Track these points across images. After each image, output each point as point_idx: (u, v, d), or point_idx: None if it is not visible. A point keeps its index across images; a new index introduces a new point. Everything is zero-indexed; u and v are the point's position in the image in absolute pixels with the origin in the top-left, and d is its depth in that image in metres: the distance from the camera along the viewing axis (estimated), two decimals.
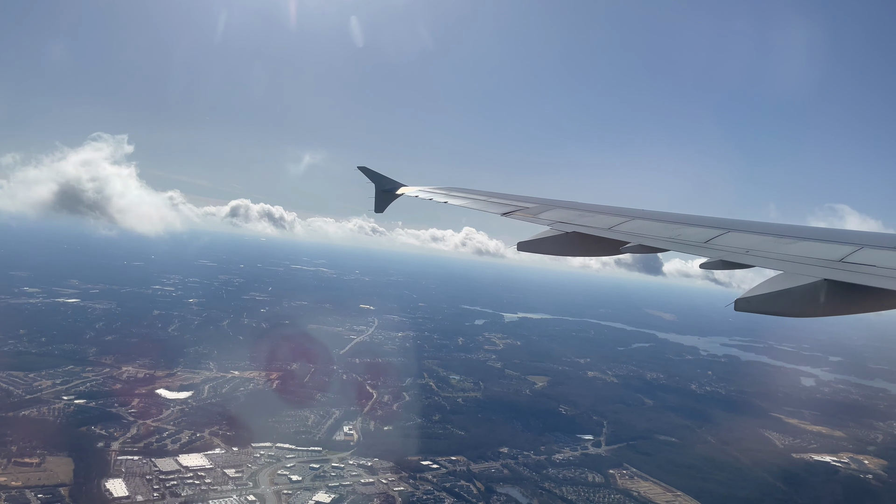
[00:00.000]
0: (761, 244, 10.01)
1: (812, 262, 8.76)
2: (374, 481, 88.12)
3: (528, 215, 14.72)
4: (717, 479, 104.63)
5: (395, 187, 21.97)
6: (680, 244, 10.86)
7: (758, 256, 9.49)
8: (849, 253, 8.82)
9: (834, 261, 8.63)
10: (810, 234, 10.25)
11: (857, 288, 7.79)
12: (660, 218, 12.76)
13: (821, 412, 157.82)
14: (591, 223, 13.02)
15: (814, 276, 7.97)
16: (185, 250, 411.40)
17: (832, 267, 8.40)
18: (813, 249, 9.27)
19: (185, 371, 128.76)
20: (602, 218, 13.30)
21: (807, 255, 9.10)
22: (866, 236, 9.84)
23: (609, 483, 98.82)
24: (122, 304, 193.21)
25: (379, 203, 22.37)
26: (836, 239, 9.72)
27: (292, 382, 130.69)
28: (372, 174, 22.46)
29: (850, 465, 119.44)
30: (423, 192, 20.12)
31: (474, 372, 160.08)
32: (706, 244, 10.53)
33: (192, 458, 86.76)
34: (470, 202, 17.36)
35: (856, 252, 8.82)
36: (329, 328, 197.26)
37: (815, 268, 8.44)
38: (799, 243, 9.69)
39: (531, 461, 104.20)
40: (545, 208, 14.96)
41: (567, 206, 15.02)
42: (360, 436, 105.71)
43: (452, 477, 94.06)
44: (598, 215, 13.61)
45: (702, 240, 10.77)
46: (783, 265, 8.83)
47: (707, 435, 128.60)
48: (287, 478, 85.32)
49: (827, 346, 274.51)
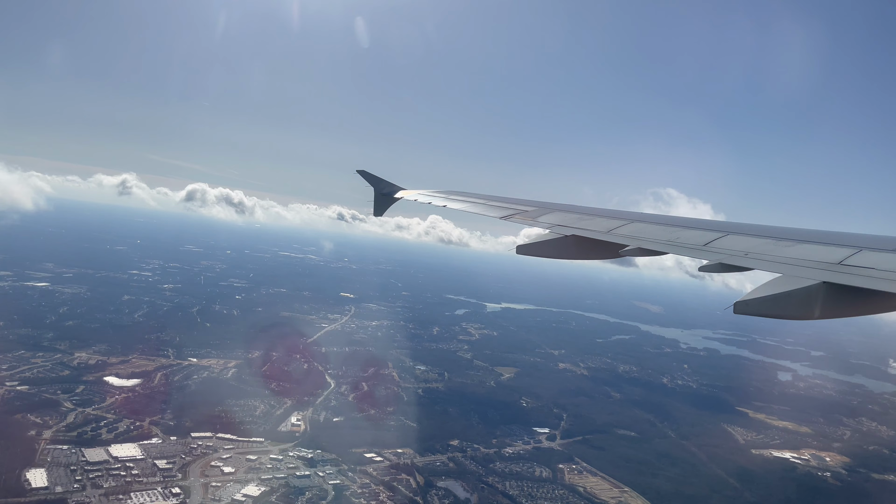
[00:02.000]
0: (760, 247, 10.03)
1: (811, 264, 8.79)
2: (311, 474, 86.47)
3: (526, 219, 14.86)
4: (668, 475, 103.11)
5: (393, 191, 22.09)
6: (679, 247, 10.90)
7: (757, 259, 9.50)
8: (848, 255, 8.84)
9: (833, 263, 8.63)
10: (809, 236, 10.26)
11: (856, 290, 7.82)
12: (659, 221, 12.85)
13: (791, 408, 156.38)
14: (589, 226, 13.13)
15: (813, 279, 8.02)
16: (173, 235, 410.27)
17: (831, 269, 8.42)
18: (812, 252, 9.31)
19: (141, 358, 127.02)
20: (601, 221, 13.40)
21: (806, 257, 9.13)
22: (865, 239, 9.75)
23: (556, 478, 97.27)
24: (93, 288, 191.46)
25: (378, 207, 22.47)
26: (835, 241, 9.68)
27: (249, 371, 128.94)
28: (371, 178, 22.53)
29: (811, 462, 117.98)
30: (421, 196, 20.21)
31: (442, 362, 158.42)
32: (705, 247, 10.57)
33: (124, 449, 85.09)
34: (469, 206, 17.46)
35: (855, 255, 8.84)
36: (302, 316, 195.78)
37: (814, 270, 8.46)
38: (798, 246, 9.73)
39: (479, 455, 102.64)
40: (544, 211, 15.06)
41: (566, 209, 15.16)
42: (307, 427, 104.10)
43: (394, 470, 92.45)
44: (596, 218, 13.72)
45: (701, 243, 10.82)
46: (782, 268, 8.85)
47: (668, 430, 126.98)
48: (220, 469, 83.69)
49: (811, 340, 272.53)
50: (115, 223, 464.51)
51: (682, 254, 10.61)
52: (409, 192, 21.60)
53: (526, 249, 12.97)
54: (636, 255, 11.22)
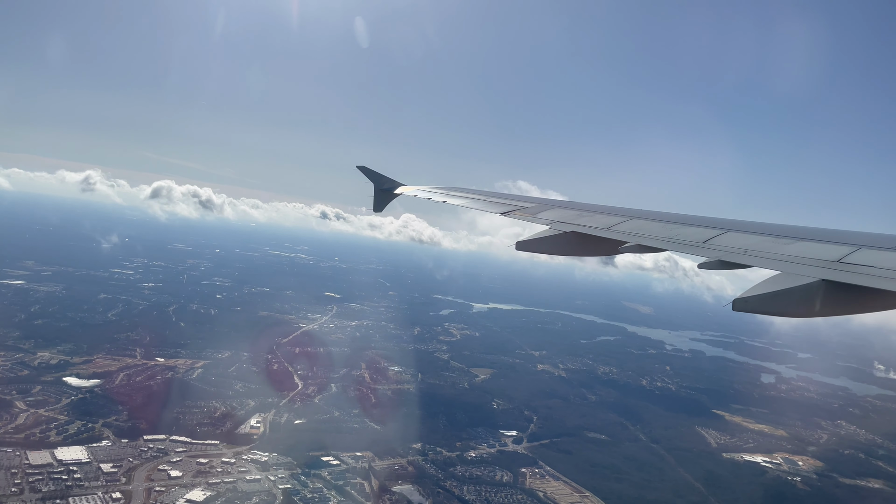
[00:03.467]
0: (759, 244, 10.00)
1: (810, 262, 8.78)
2: (262, 478, 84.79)
3: (526, 215, 14.88)
4: (633, 480, 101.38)
5: (393, 186, 22.00)
6: (678, 244, 10.86)
7: (756, 256, 9.48)
8: (847, 253, 8.82)
9: (832, 261, 8.64)
10: (808, 234, 10.21)
11: (854, 288, 7.80)
12: (658, 218, 12.80)
13: (770, 410, 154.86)
14: (589, 223, 13.08)
15: (811, 277, 8.02)
16: (162, 233, 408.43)
17: (830, 267, 8.41)
18: (811, 250, 9.29)
19: (106, 358, 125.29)
20: (600, 218, 13.35)
21: (805, 255, 9.11)
22: (864, 237, 9.73)
23: (516, 482, 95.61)
24: (70, 287, 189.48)
25: (378, 202, 22.39)
26: (834, 239, 9.67)
27: (216, 372, 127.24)
28: (371, 173, 22.46)
29: (782, 466, 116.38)
30: (421, 192, 20.14)
31: (417, 363, 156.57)
32: (704, 244, 10.53)
33: (70, 452, 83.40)
34: (468, 202, 17.51)
35: (854, 253, 8.83)
36: (281, 315, 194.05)
37: (812, 268, 8.48)
38: (797, 244, 9.68)
39: (441, 458, 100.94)
40: (543, 208, 15.08)
41: (565, 205, 15.22)
42: (266, 429, 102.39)
43: (350, 474, 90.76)
44: (596, 215, 13.68)
45: (700, 240, 10.77)
46: (781, 265, 8.86)
47: (639, 433, 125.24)
48: (167, 474, 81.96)
49: (800, 342, 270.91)
50: (106, 220, 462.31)
51: (681, 251, 10.59)
52: (409, 187, 21.48)
53: (525, 245, 12.90)
54: (635, 252, 11.19)
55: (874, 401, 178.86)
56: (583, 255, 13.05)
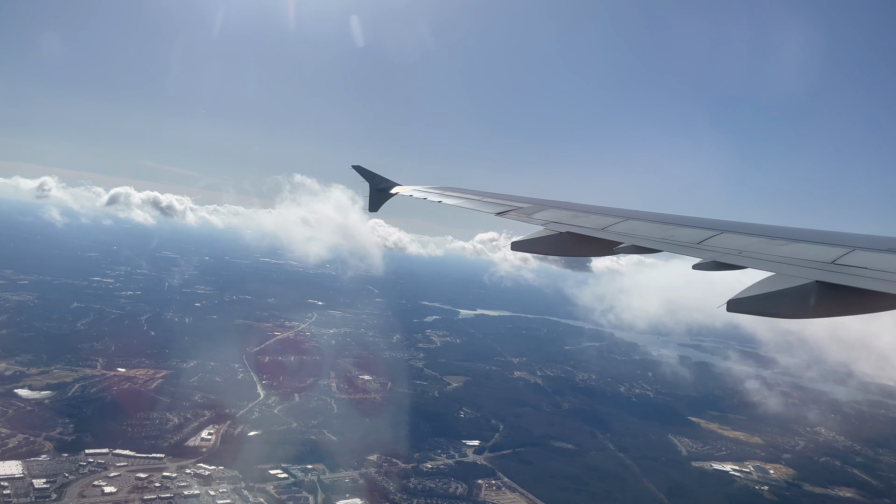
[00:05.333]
0: (754, 245, 10.00)
1: (804, 263, 8.80)
2: (201, 493, 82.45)
3: (522, 215, 14.89)
4: (593, 491, 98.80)
5: (389, 186, 21.92)
6: (673, 245, 10.83)
7: (750, 258, 9.47)
8: (841, 255, 8.79)
9: (826, 262, 8.62)
10: (803, 235, 10.23)
11: (849, 290, 7.75)
12: (653, 219, 12.80)
13: (747, 417, 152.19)
14: (584, 223, 13.15)
15: (805, 278, 7.99)
16: (150, 240, 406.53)
17: (824, 269, 8.39)
18: (805, 251, 9.32)
19: (64, 369, 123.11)
20: (596, 218, 13.42)
21: (799, 256, 9.14)
22: (859, 238, 9.72)
23: (471, 495, 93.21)
24: (43, 296, 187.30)
25: (373, 202, 22.28)
26: (829, 241, 9.65)
27: (177, 381, 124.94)
28: (366, 173, 22.37)
29: (752, 474, 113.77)
30: (417, 192, 20.11)
31: (390, 372, 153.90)
32: (699, 245, 10.53)
33: (5, 466, 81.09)
34: (464, 202, 17.52)
35: (848, 254, 8.81)
36: (257, 324, 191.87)
37: (807, 269, 8.49)
38: (791, 245, 9.68)
39: (395, 470, 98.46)
40: (539, 208, 15.07)
41: (561, 206, 15.11)
42: (217, 441, 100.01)
43: (296, 487, 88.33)
44: (591, 216, 13.74)
45: (694, 241, 10.77)
46: (775, 266, 8.85)
47: (608, 441, 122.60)
48: (101, 490, 79.62)
49: (789, 347, 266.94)
50: (98, 230, 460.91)
51: (675, 251, 10.53)
52: (405, 187, 21.45)
53: (521, 246, 12.86)
54: (630, 253, 11.13)
55: (858, 406, 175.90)
56: (577, 255, 13.02)
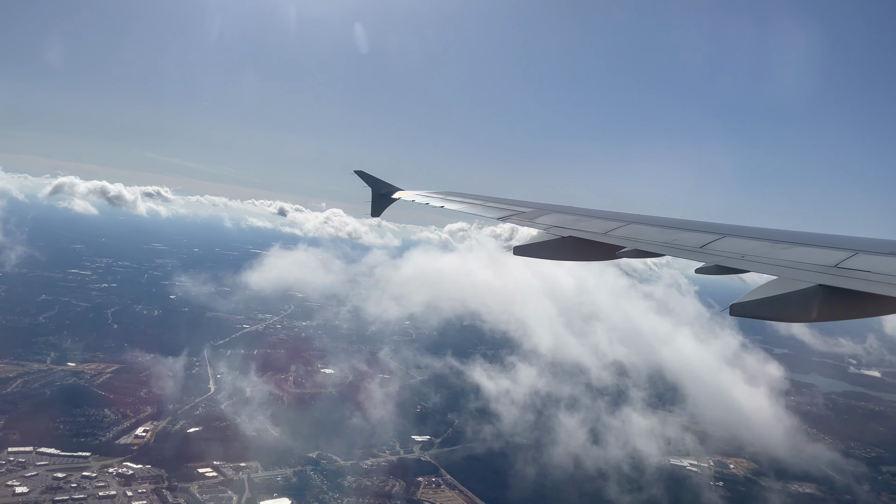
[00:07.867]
0: (756, 249, 9.96)
1: (807, 267, 8.70)
2: (118, 493, 79.73)
3: (524, 220, 14.78)
4: (535, 487, 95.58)
5: (391, 191, 21.92)
6: (676, 249, 10.82)
7: (753, 262, 9.44)
8: (844, 258, 8.75)
9: (829, 266, 8.54)
10: (806, 239, 10.17)
11: (851, 293, 7.70)
12: (656, 223, 12.76)
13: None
14: (586, 228, 13.10)
15: (808, 282, 7.95)
16: (141, 233, 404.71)
17: (827, 272, 8.31)
18: (808, 255, 9.22)
19: (11, 363, 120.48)
20: (598, 223, 13.35)
21: (802, 260, 9.05)
22: (862, 242, 9.64)
23: (407, 492, 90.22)
24: (11, 289, 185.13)
25: (375, 207, 22.27)
26: (832, 244, 9.59)
27: (125, 376, 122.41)
28: (368, 178, 22.35)
29: (710, 469, 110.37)
30: (419, 197, 20.13)
31: (357, 365, 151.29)
32: (702, 249, 10.47)
33: None
34: (466, 207, 17.42)
35: (851, 258, 8.76)
36: (228, 316, 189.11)
37: (809, 273, 8.40)
38: (794, 248, 9.69)
39: (333, 467, 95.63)
40: (541, 213, 15.02)
41: (563, 210, 15.11)
42: (151, 439, 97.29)
43: (222, 487, 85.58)
44: (594, 220, 13.66)
45: (697, 245, 10.71)
46: (778, 270, 8.77)
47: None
48: (12, 490, 77.03)
49: (780, 338, 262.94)
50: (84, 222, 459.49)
51: (678, 255, 10.46)
52: (407, 192, 21.51)
53: (523, 251, 12.76)
54: (633, 257, 11.13)
55: (837, 398, 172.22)
56: (580, 259, 12.79)
